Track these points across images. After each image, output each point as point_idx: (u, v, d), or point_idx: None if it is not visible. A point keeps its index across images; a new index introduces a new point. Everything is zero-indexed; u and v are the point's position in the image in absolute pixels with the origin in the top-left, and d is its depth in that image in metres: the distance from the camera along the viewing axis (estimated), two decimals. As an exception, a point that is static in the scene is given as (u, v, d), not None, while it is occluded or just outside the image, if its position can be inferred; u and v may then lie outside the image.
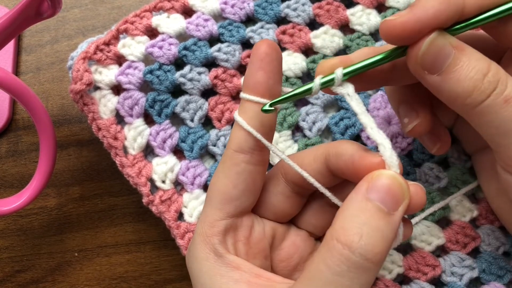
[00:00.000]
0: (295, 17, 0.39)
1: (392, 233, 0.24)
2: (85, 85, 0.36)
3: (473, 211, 0.36)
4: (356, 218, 0.24)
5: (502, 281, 0.35)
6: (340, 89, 0.26)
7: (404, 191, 0.24)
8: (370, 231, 0.23)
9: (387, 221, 0.23)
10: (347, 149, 0.27)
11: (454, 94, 0.25)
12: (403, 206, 0.24)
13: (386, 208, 0.24)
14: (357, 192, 0.24)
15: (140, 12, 0.39)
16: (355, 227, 0.23)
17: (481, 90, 0.24)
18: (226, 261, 0.28)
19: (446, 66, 0.24)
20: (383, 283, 0.35)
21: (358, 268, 0.23)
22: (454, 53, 0.24)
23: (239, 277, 0.27)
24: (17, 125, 0.45)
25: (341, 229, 0.24)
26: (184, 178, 0.37)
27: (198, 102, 0.38)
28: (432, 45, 0.24)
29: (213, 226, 0.28)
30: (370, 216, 0.23)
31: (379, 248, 0.23)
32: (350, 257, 0.23)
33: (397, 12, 0.28)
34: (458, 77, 0.24)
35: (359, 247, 0.23)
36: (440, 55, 0.24)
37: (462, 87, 0.24)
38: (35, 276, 0.43)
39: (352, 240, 0.23)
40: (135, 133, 0.37)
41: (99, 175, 0.43)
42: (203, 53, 0.38)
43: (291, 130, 0.38)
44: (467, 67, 0.24)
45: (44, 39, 0.46)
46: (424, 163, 0.37)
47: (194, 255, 0.29)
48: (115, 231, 0.43)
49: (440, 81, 0.25)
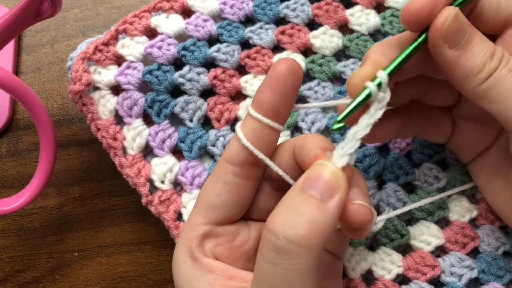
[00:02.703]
0: (294, 17, 0.39)
1: (326, 219, 0.24)
2: (84, 86, 0.36)
3: (472, 211, 0.36)
4: (287, 206, 0.24)
5: (501, 281, 0.35)
6: (383, 95, 0.26)
7: (338, 179, 0.24)
8: (297, 216, 0.23)
9: (318, 206, 0.24)
10: (310, 143, 0.27)
11: (468, 69, 0.26)
12: (338, 195, 0.24)
13: (319, 195, 0.24)
14: (295, 185, 0.25)
15: (139, 12, 0.39)
16: (281, 214, 0.24)
17: (491, 65, 0.26)
18: (201, 265, 0.28)
19: (463, 42, 0.26)
20: (383, 283, 0.35)
21: (286, 253, 0.23)
22: (470, 30, 0.27)
23: (213, 280, 0.27)
24: (17, 125, 0.45)
25: (271, 217, 0.24)
26: (183, 178, 0.37)
27: (197, 102, 0.38)
28: (455, 19, 0.26)
29: (193, 229, 0.29)
30: (299, 203, 0.24)
31: (304, 231, 0.23)
32: (276, 243, 0.23)
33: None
34: (473, 53, 0.26)
35: (283, 231, 0.23)
36: (461, 30, 0.26)
37: (476, 62, 0.26)
38: (35, 276, 0.43)
39: (277, 226, 0.23)
40: (134, 133, 0.37)
41: (99, 175, 0.43)
42: (202, 54, 0.38)
43: (290, 130, 0.38)
44: (480, 45, 0.27)
45: (44, 39, 0.46)
46: (423, 164, 0.37)
47: (174, 256, 0.29)
48: (115, 231, 0.43)
49: (458, 55, 0.27)
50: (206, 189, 0.29)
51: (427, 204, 0.36)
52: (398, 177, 0.36)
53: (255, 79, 0.39)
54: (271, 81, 0.28)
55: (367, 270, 0.36)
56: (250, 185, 0.29)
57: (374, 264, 0.36)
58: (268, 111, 0.28)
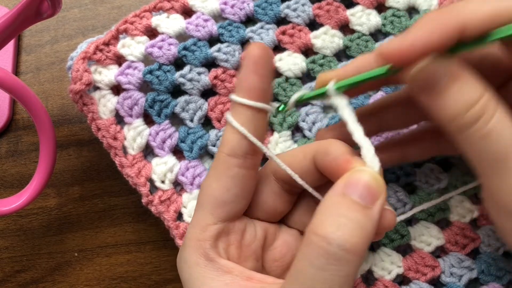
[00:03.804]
0: (295, 17, 0.39)
1: (370, 225, 0.24)
2: (84, 85, 0.36)
3: (473, 212, 0.36)
4: (333, 211, 0.24)
5: (501, 282, 0.35)
6: (333, 100, 0.28)
7: (380, 186, 0.25)
8: (347, 222, 0.23)
9: (364, 213, 0.24)
10: (335, 149, 0.27)
11: (439, 117, 0.25)
12: (380, 200, 0.24)
13: (362, 201, 0.24)
14: (334, 189, 0.25)
15: (140, 12, 0.39)
16: (332, 219, 0.24)
17: (462, 121, 0.24)
18: (217, 266, 0.27)
19: (436, 89, 0.25)
20: (382, 283, 0.35)
21: (337, 260, 0.23)
22: (446, 78, 0.24)
23: (231, 281, 0.27)
24: (17, 125, 0.45)
25: (318, 222, 0.24)
26: (183, 178, 0.37)
27: (198, 102, 0.38)
28: (423, 70, 0.24)
29: (205, 230, 0.28)
30: (346, 208, 0.24)
31: (356, 238, 0.23)
32: (328, 249, 0.23)
33: (390, 38, 0.28)
34: (443, 103, 0.25)
35: (336, 237, 0.23)
36: (430, 79, 0.25)
37: (445, 114, 0.25)
38: (35, 276, 0.43)
39: (329, 231, 0.23)
40: (134, 133, 0.37)
41: (99, 175, 0.43)
42: (202, 53, 0.38)
43: (291, 131, 0.38)
44: (453, 95, 0.24)
45: (44, 39, 0.46)
46: (424, 164, 0.37)
47: (184, 259, 0.28)
48: (115, 231, 0.43)
49: (428, 102, 0.25)
50: (211, 187, 0.29)
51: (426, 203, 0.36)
52: (399, 177, 0.36)
53: (256, 79, 0.38)
54: (252, 66, 0.28)
55: (367, 270, 0.36)
56: (253, 174, 0.29)
57: (374, 265, 0.36)
58: (260, 95, 0.28)
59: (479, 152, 0.25)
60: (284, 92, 0.38)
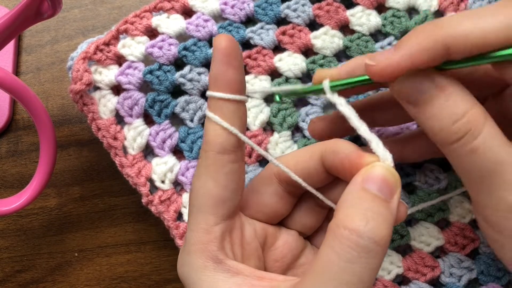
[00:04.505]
0: (295, 17, 0.39)
1: (392, 218, 0.24)
2: (84, 85, 0.36)
3: (473, 213, 0.36)
4: (359, 206, 0.24)
5: (500, 282, 0.35)
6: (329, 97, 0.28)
7: (397, 180, 0.25)
8: (375, 215, 0.24)
9: (386, 206, 0.24)
10: (345, 147, 0.27)
11: (425, 129, 0.26)
12: (397, 194, 0.25)
13: (383, 195, 0.24)
14: (353, 184, 0.25)
15: (140, 12, 0.39)
16: (360, 213, 0.24)
17: (449, 134, 0.25)
18: (226, 267, 0.27)
19: (422, 101, 0.25)
20: (382, 283, 0.35)
21: (368, 252, 0.23)
22: (431, 91, 0.25)
23: (242, 281, 0.27)
24: (17, 125, 0.45)
25: (346, 216, 0.24)
26: (183, 178, 0.37)
27: (198, 102, 0.38)
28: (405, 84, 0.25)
29: (209, 232, 0.27)
30: (370, 202, 0.24)
31: (384, 230, 0.24)
32: (359, 242, 0.23)
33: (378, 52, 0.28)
34: (429, 115, 0.25)
35: (367, 230, 0.23)
36: (414, 91, 0.25)
37: (431, 126, 0.25)
38: (35, 276, 0.43)
39: (359, 225, 0.23)
40: (134, 133, 0.37)
41: (99, 175, 0.43)
42: (203, 54, 0.38)
43: (290, 131, 0.38)
44: (439, 107, 0.25)
45: (44, 39, 0.46)
46: (424, 164, 0.37)
47: (190, 265, 0.28)
48: (115, 231, 0.43)
49: (415, 112, 0.26)
50: (206, 188, 0.28)
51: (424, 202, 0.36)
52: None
53: (256, 79, 0.39)
54: (226, 57, 0.27)
55: (368, 270, 0.36)
56: (243, 166, 0.29)
57: (374, 265, 0.36)
58: (238, 88, 0.28)
59: (466, 167, 0.25)
60: (284, 92, 0.38)
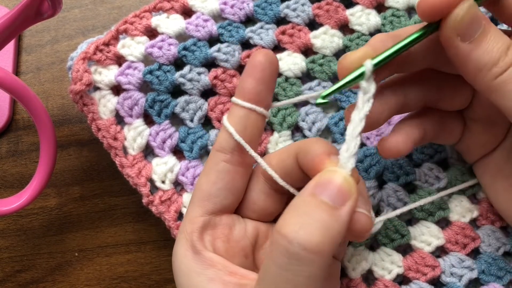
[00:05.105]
0: (294, 17, 0.39)
1: (338, 226, 0.24)
2: (84, 86, 0.36)
3: (473, 212, 0.36)
4: (299, 211, 0.24)
5: (501, 282, 0.35)
6: (367, 84, 0.26)
7: (350, 188, 0.24)
8: (311, 221, 0.23)
9: (331, 213, 0.24)
10: (315, 148, 0.27)
11: (481, 63, 0.26)
12: (350, 202, 0.24)
13: (331, 202, 0.24)
14: (305, 188, 0.25)
15: (140, 12, 0.39)
16: (296, 219, 0.24)
17: (506, 60, 0.25)
18: (203, 258, 0.28)
19: (478, 35, 0.26)
20: (383, 283, 0.35)
21: (298, 259, 0.23)
22: (484, 23, 0.26)
23: (214, 275, 0.27)
24: (17, 125, 0.45)
25: (283, 221, 0.24)
26: (183, 178, 0.37)
27: (198, 102, 0.38)
28: (469, 10, 0.25)
29: (192, 222, 0.29)
30: (312, 208, 0.24)
31: (319, 237, 0.23)
32: (289, 248, 0.23)
33: None
34: (487, 47, 0.25)
35: (297, 236, 0.23)
36: (474, 22, 0.25)
37: (490, 56, 0.25)
38: (35, 276, 0.43)
39: (291, 230, 0.23)
40: (134, 133, 0.37)
41: (99, 175, 0.43)
42: (202, 54, 0.38)
43: (290, 130, 0.38)
44: (494, 38, 0.26)
45: (44, 39, 0.46)
46: (423, 163, 0.37)
47: (175, 252, 0.29)
48: (115, 231, 0.43)
49: (471, 49, 0.26)
50: (200, 182, 0.30)
51: (428, 204, 0.36)
52: (399, 177, 0.36)
53: (256, 79, 0.39)
54: (250, 70, 0.29)
55: (368, 270, 0.36)
56: (242, 172, 0.30)
57: (374, 264, 0.36)
58: (252, 97, 0.29)
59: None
60: (284, 92, 0.38)
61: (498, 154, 0.33)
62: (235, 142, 0.29)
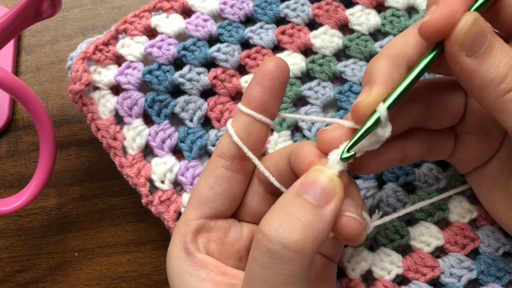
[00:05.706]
0: (294, 17, 0.39)
1: (321, 225, 0.24)
2: (84, 85, 0.36)
3: (472, 212, 0.36)
4: (282, 210, 0.24)
5: (500, 282, 0.35)
6: (382, 130, 0.25)
7: (335, 187, 0.24)
8: (292, 220, 0.23)
9: (314, 212, 0.24)
10: (306, 151, 0.27)
11: (487, 79, 0.24)
12: (335, 201, 0.24)
13: (315, 201, 0.24)
14: (290, 188, 0.25)
15: (139, 12, 0.39)
16: (277, 217, 0.24)
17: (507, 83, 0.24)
18: (195, 260, 0.28)
19: (483, 50, 0.24)
20: (382, 283, 0.35)
21: (278, 258, 0.23)
22: (489, 38, 0.24)
23: (206, 276, 0.27)
24: (17, 125, 0.45)
25: (266, 220, 0.24)
26: (183, 178, 0.37)
27: (197, 102, 0.38)
28: (474, 24, 0.24)
29: (187, 224, 0.29)
30: (295, 207, 0.24)
31: (300, 236, 0.23)
32: (269, 246, 0.23)
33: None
34: (493, 62, 0.24)
35: (277, 235, 0.23)
36: (479, 36, 0.24)
37: (497, 72, 0.24)
38: (35, 276, 0.43)
39: (272, 229, 0.23)
40: (134, 133, 0.37)
41: (99, 175, 0.43)
42: (202, 53, 0.38)
43: (290, 130, 0.38)
44: (501, 53, 0.24)
45: (44, 39, 0.46)
46: (423, 164, 0.37)
47: (169, 253, 0.29)
48: (115, 231, 0.43)
49: (476, 64, 0.24)
50: (199, 184, 0.30)
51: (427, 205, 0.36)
52: (398, 177, 0.36)
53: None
54: (259, 77, 0.28)
55: (367, 270, 0.36)
56: (241, 179, 0.30)
57: (374, 265, 0.36)
58: (257, 106, 0.29)
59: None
60: (284, 92, 0.38)
61: (493, 165, 0.32)
62: (236, 149, 0.29)
